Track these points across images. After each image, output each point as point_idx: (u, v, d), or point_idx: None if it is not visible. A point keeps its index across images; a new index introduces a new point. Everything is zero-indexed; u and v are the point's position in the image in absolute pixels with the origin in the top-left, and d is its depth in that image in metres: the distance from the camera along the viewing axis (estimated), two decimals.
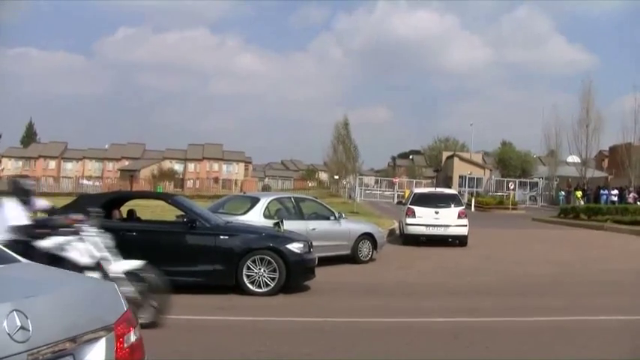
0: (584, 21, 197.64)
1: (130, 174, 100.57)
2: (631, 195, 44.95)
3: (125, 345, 3.59)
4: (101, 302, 3.76)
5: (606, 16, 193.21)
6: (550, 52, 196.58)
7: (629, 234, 29.79)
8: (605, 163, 74.81)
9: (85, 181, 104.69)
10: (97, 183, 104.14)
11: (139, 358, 3.75)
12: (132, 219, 13.49)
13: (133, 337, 3.69)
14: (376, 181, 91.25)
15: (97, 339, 3.42)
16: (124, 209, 13.89)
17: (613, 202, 44.65)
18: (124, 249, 12.04)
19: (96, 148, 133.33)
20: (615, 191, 48.06)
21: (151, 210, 19.62)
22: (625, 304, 11.91)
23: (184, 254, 12.26)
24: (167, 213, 15.26)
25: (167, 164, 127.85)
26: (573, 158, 60.93)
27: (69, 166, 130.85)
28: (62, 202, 16.06)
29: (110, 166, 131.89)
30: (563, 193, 58.26)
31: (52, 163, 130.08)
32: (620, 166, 50.49)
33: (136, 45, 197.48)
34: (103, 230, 9.36)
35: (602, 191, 49.92)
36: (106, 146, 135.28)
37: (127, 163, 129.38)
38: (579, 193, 51.12)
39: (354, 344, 8.59)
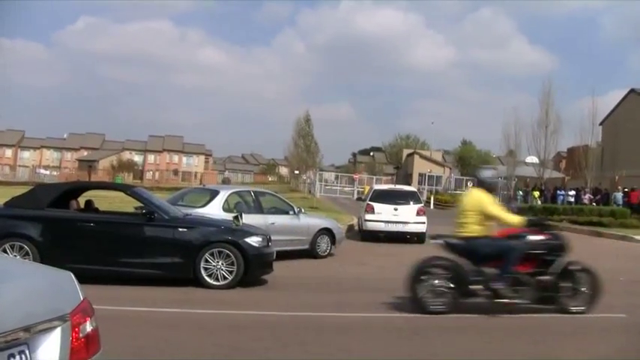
0: (545, 23, 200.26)
1: (88, 164, 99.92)
2: (587, 196, 45.53)
3: (81, 335, 3.55)
4: (57, 291, 3.73)
5: (567, 19, 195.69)
6: (512, 53, 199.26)
7: (584, 234, 30.25)
8: (563, 165, 75.73)
9: (42, 171, 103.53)
10: (55, 173, 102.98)
11: (94, 348, 3.72)
12: (89, 210, 13.35)
13: (89, 327, 3.66)
14: (336, 177, 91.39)
15: (51, 329, 3.38)
16: (82, 200, 13.73)
17: (569, 203, 45.24)
18: (81, 240, 12.00)
19: (54, 138, 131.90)
20: (572, 192, 48.66)
21: (109, 201, 19.44)
22: None
23: (142, 246, 12.16)
24: (126, 204, 15.15)
25: (127, 155, 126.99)
26: (532, 159, 61.49)
27: (26, 155, 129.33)
28: (18, 191, 15.88)
29: (69, 156, 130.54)
30: (521, 192, 58.78)
31: (9, 152, 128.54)
32: (577, 168, 51.07)
33: (97, 35, 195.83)
34: None
35: (559, 192, 50.53)
36: (65, 136, 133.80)
37: (85, 153, 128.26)
38: (537, 193, 51.63)
39: (312, 339, 8.61)
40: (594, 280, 10.86)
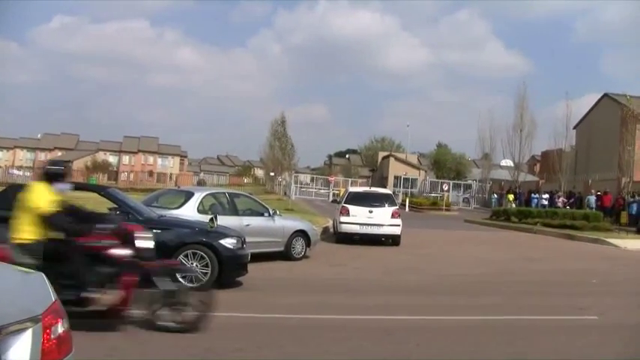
0: (520, 27, 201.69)
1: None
2: (560, 199, 45.86)
3: (52, 336, 3.54)
4: (28, 293, 3.71)
5: (542, 23, 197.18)
6: (488, 56, 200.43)
7: (557, 237, 30.60)
8: (537, 168, 76.40)
9: (15, 171, 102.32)
10: (28, 173, 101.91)
11: (66, 350, 3.71)
12: None
13: (60, 329, 3.64)
14: (312, 179, 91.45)
15: (23, 330, 3.37)
16: None
17: (543, 206, 45.51)
18: None
19: (28, 138, 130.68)
20: (546, 195, 48.96)
21: (83, 202, 19.27)
22: (552, 304, 12.24)
23: None
24: (100, 205, 15.03)
25: (101, 156, 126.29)
26: (507, 162, 62.05)
27: None
28: None
29: (42, 156, 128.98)
30: (495, 195, 59.11)
31: None
32: (552, 171, 51.50)
33: (73, 35, 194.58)
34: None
35: (533, 195, 50.84)
36: (39, 136, 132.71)
37: (60, 153, 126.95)
38: (511, 196, 51.94)
39: (286, 340, 8.61)
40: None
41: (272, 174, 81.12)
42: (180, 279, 11.86)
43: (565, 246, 27.11)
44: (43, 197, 8.45)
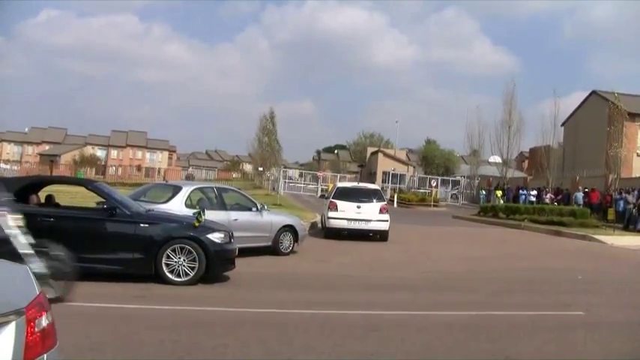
0: (508, 25, 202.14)
1: (50, 159, 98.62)
2: (548, 196, 45.97)
3: (36, 329, 3.53)
4: (12, 285, 3.70)
5: (529, 21, 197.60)
6: (476, 54, 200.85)
7: (545, 233, 30.76)
8: (525, 164, 76.62)
9: (1, 165, 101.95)
10: (15, 167, 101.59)
11: (50, 343, 3.70)
12: (50, 204, 13.20)
13: (44, 322, 3.63)
14: (300, 175, 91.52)
15: (6, 323, 3.36)
16: (42, 194, 13.59)
17: (531, 202, 45.64)
18: (42, 235, 11.84)
19: (15, 132, 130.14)
20: (534, 192, 49.09)
21: (71, 196, 19.31)
22: (537, 301, 12.29)
23: (103, 242, 12.03)
24: (87, 199, 15.03)
25: (89, 150, 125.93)
26: (495, 158, 62.25)
27: None
28: None
29: (30, 150, 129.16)
30: (483, 192, 59.30)
31: None
32: (539, 168, 51.64)
33: (60, 28, 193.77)
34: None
35: (521, 191, 50.94)
36: (26, 130, 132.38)
37: (47, 147, 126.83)
38: (499, 193, 52.12)
39: (272, 335, 8.60)
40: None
41: (260, 169, 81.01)
42: (168, 273, 11.94)
43: (552, 242, 27.21)
44: None
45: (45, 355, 3.60)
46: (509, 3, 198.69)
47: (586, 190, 43.72)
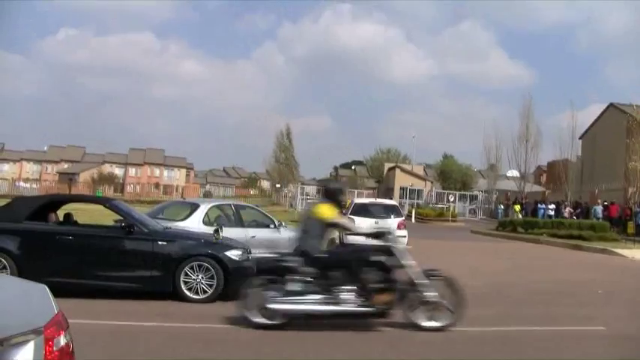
0: (524, 37, 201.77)
1: (69, 177, 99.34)
2: (567, 209, 45.79)
3: (54, 349, 3.53)
4: (31, 305, 3.71)
5: (545, 33, 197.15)
6: (492, 67, 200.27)
7: (564, 247, 30.53)
8: (544, 178, 76.34)
9: (21, 184, 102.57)
10: (35, 185, 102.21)
11: None
12: (68, 223, 13.28)
13: (62, 341, 3.63)
14: (318, 191, 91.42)
15: (25, 342, 3.36)
16: (61, 213, 13.67)
17: (550, 217, 45.44)
18: (59, 253, 11.91)
19: (34, 150, 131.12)
20: (552, 206, 48.89)
21: (89, 214, 19.35)
22: (558, 315, 12.19)
23: (121, 259, 12.06)
24: (105, 218, 15.07)
25: (107, 168, 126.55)
26: (512, 172, 62.04)
27: (5, 168, 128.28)
28: None
29: (49, 168, 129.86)
30: (501, 206, 59.06)
31: None
32: (558, 181, 51.48)
33: (78, 46, 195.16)
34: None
35: (539, 205, 50.73)
36: (45, 148, 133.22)
37: (66, 166, 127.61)
38: (518, 207, 51.90)
39: (292, 351, 8.58)
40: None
41: (278, 186, 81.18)
42: (186, 291, 11.94)
43: (572, 256, 27.03)
44: None
45: None
46: (525, 15, 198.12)
47: (605, 203, 43.51)
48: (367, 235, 11.42)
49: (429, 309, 9.96)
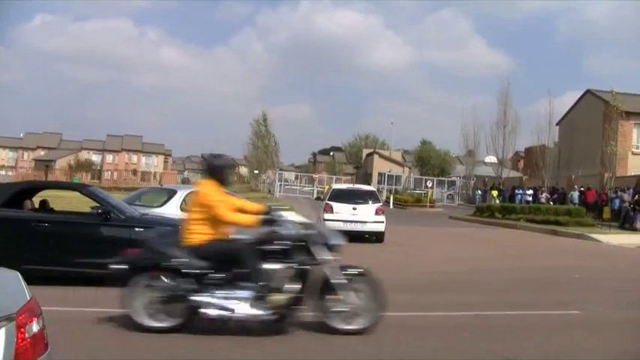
0: (503, 25, 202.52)
1: (45, 164, 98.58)
2: (544, 195, 46.06)
3: (27, 335, 3.50)
4: (2, 291, 3.67)
5: (523, 21, 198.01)
6: (471, 55, 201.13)
7: (541, 232, 30.83)
8: (521, 164, 76.69)
9: None
10: (10, 173, 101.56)
11: (41, 349, 3.66)
12: (44, 209, 13.17)
13: (35, 328, 3.60)
14: (296, 177, 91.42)
15: None
16: (37, 200, 13.55)
17: (527, 202, 45.74)
18: (35, 240, 11.81)
19: (10, 137, 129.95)
20: (530, 191, 49.16)
21: (66, 201, 19.23)
22: (535, 300, 12.27)
23: (98, 246, 11.92)
24: (82, 204, 14.97)
25: (84, 155, 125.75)
26: (490, 158, 62.39)
27: None
28: None
29: (25, 155, 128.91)
30: (479, 192, 59.36)
31: None
32: (535, 167, 51.79)
33: (55, 33, 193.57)
34: None
35: (517, 191, 51.00)
36: (22, 135, 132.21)
37: (42, 152, 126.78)
38: (495, 193, 52.17)
39: (268, 339, 8.57)
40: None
41: (256, 172, 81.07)
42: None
43: (548, 241, 27.27)
44: None
45: None
46: (504, 3, 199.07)
47: (581, 189, 43.83)
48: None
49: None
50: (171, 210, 15.40)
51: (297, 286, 8.46)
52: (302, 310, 8.64)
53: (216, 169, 9.13)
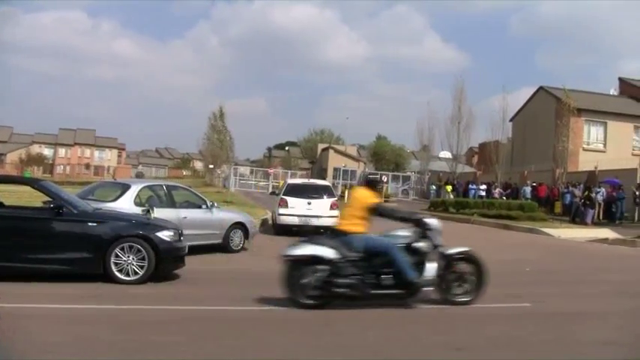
0: (457, 21, 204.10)
1: None
2: (497, 190, 46.46)
3: None
4: None
5: (478, 18, 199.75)
6: (426, 50, 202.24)
7: (494, 227, 31.15)
8: (475, 159, 77.27)
9: None
10: None
11: None
12: None
13: None
14: (251, 171, 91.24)
15: None
16: None
17: (481, 197, 46.00)
18: None
19: None
20: (483, 186, 49.48)
21: (17, 196, 18.97)
22: (487, 293, 12.40)
23: (50, 241, 11.83)
24: (34, 199, 14.80)
25: (36, 149, 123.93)
26: (445, 154, 62.79)
27: None
28: None
29: None
30: (434, 187, 59.61)
31: None
32: (489, 163, 52.18)
33: (7, 24, 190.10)
34: None
35: (470, 186, 51.32)
36: None
37: None
38: (449, 187, 52.46)
39: (225, 332, 8.59)
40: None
41: (211, 166, 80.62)
42: (117, 272, 11.83)
43: (501, 236, 27.60)
44: None
45: None
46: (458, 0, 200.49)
47: (534, 184, 44.32)
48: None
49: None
50: (125, 204, 15.29)
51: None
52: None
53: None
